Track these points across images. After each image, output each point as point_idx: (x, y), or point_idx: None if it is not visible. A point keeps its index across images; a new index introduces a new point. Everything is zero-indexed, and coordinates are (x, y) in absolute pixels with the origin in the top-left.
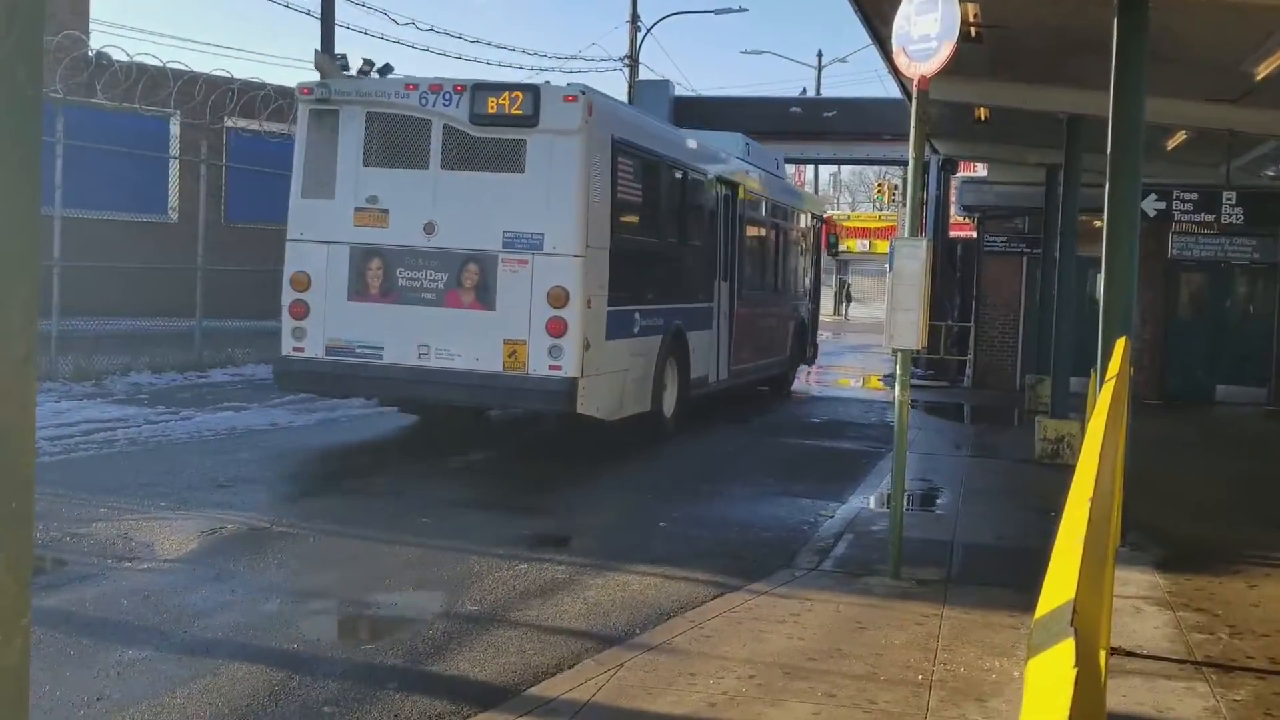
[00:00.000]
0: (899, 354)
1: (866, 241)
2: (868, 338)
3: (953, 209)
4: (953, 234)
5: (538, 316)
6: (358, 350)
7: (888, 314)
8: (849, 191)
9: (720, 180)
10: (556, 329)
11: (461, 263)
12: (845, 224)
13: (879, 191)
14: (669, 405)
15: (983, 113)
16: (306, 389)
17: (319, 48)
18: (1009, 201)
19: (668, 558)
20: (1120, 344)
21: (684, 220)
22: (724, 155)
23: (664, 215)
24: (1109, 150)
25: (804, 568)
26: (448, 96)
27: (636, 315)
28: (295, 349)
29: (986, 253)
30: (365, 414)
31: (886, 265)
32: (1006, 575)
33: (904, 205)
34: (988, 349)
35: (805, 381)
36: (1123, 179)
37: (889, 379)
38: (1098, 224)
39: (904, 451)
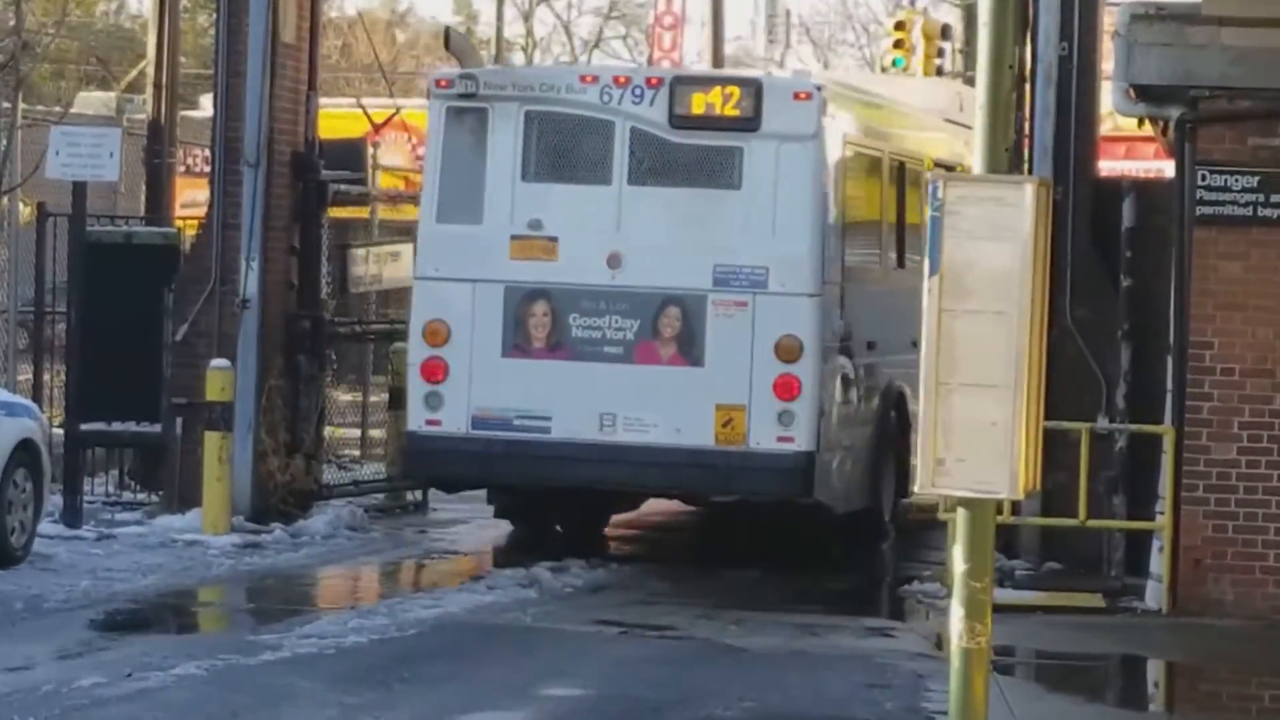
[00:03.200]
0: (960, 518)
1: None
2: None
3: (1106, 95)
4: (1106, 166)
5: (761, 374)
6: (516, 422)
7: (925, 396)
8: (812, 43)
9: (939, 166)
10: (786, 390)
11: (658, 306)
12: None
13: (897, 48)
14: (887, 501)
15: None
16: (445, 474)
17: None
18: (1265, 75)
19: None
20: None
21: (901, 233)
22: (936, 122)
23: (883, 230)
24: None
25: None
26: (638, 91)
27: (861, 371)
28: (429, 422)
29: (1206, 220)
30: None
31: (924, 255)
32: None
33: (966, 79)
34: (1216, 501)
35: None
36: None
37: (926, 592)
38: None
39: None
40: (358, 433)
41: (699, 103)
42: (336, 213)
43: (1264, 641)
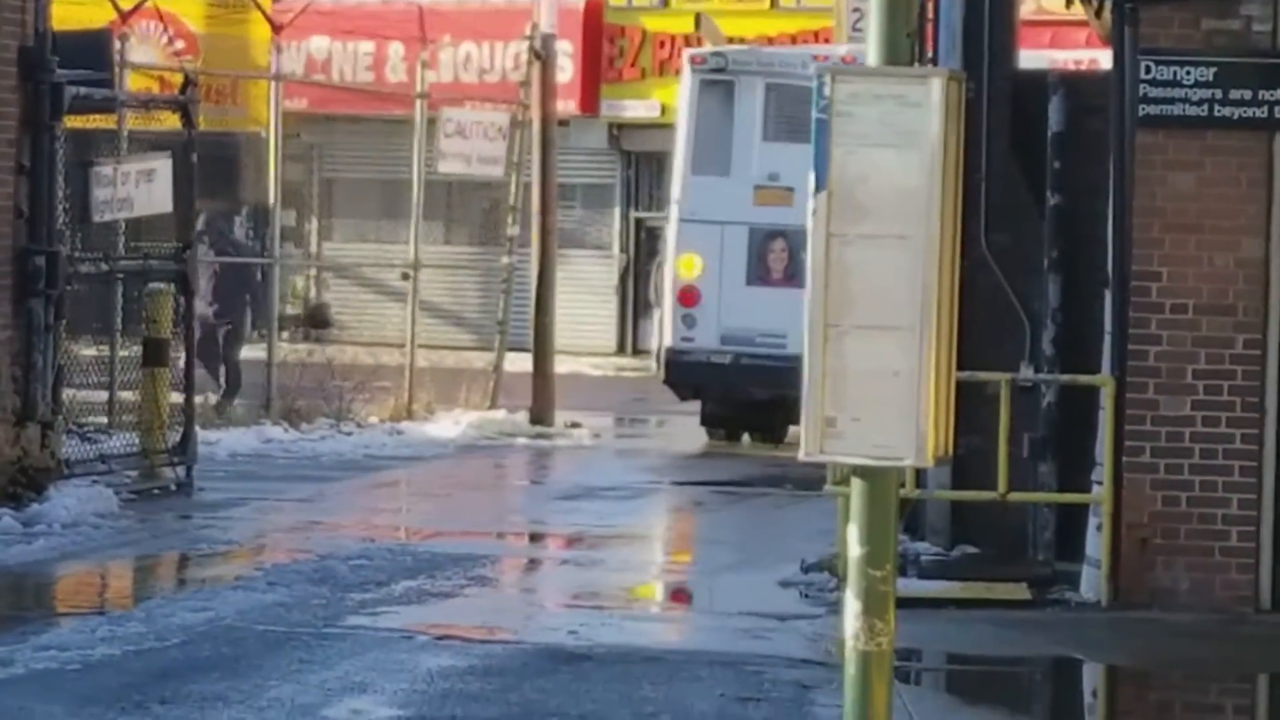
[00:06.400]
0: (855, 491)
1: None
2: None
3: None
4: (1028, 57)
5: None
6: (757, 340)
7: (810, 340)
8: None
9: None
10: None
11: None
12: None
13: None
14: None
15: None
16: (698, 382)
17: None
18: None
19: None
20: None
21: None
22: None
23: None
24: None
25: None
26: None
27: None
28: (684, 339)
29: (1151, 121)
30: None
31: (810, 175)
32: None
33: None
34: (1166, 468)
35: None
36: None
37: (812, 583)
38: None
39: None
40: (105, 396)
41: None
42: (75, 122)
43: (1224, 640)
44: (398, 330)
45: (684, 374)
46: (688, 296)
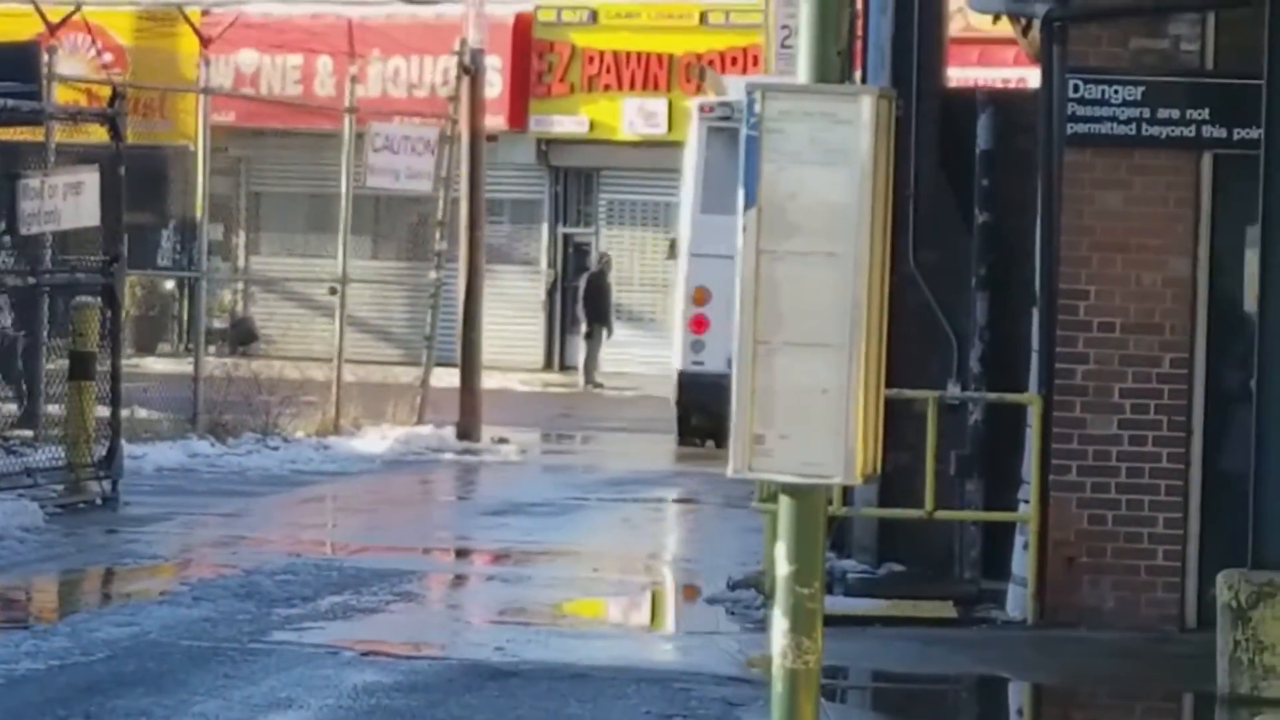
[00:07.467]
0: (783, 508)
1: (664, 104)
2: (647, 448)
3: None
4: (956, 75)
5: None
6: None
7: (740, 358)
8: None
9: None
10: None
11: None
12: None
13: None
14: None
15: None
16: (707, 400)
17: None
18: None
19: None
20: None
21: None
22: None
23: None
24: None
25: None
26: None
27: None
28: (695, 362)
29: (1079, 140)
30: None
31: (739, 190)
32: None
33: None
34: (1093, 486)
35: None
36: None
37: (739, 600)
38: None
39: None
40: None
41: None
42: (2, 134)
43: (1149, 658)
44: (325, 345)
45: (695, 394)
46: (698, 324)
